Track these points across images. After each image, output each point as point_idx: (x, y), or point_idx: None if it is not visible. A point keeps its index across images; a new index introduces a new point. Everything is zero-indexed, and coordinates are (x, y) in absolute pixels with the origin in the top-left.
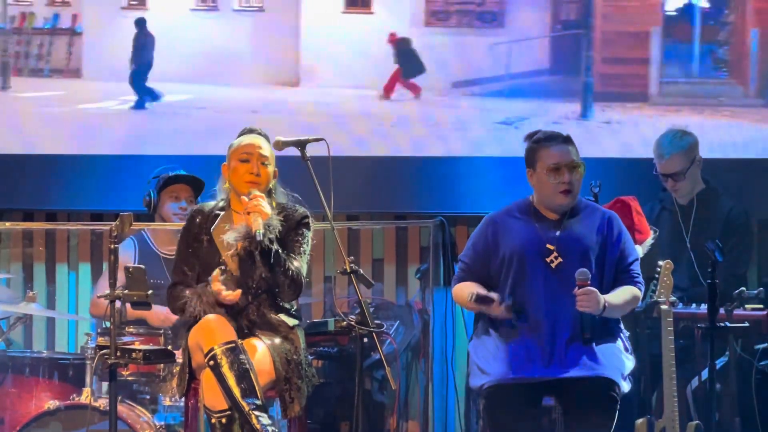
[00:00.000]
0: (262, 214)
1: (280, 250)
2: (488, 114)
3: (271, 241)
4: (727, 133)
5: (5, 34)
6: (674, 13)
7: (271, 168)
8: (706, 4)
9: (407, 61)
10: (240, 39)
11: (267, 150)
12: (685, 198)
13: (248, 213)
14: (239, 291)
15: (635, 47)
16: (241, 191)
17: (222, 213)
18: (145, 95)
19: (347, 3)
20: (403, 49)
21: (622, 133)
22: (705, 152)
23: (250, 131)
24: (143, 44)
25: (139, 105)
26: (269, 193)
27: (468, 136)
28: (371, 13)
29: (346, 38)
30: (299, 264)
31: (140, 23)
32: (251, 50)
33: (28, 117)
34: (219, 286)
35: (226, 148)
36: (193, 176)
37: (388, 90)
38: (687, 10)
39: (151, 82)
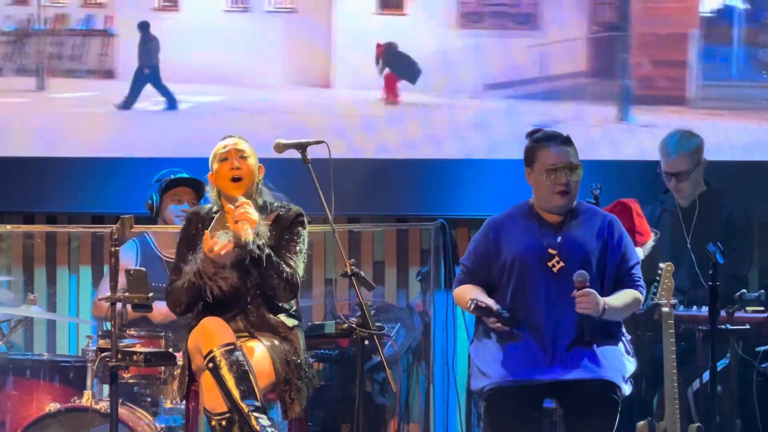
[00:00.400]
0: (249, 221)
1: (272, 254)
2: (522, 117)
3: (260, 247)
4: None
5: (40, 35)
6: (712, 15)
7: (253, 161)
8: (746, 6)
9: (401, 66)
10: (272, 40)
11: (244, 145)
12: (686, 200)
13: (236, 221)
14: (231, 244)
15: (673, 49)
16: (228, 192)
17: (217, 215)
18: (138, 95)
19: (380, 5)
20: (393, 54)
21: (662, 137)
22: (740, 155)
23: (229, 137)
24: (148, 48)
25: (171, 106)
26: (255, 191)
27: (499, 138)
28: (404, 14)
29: (379, 39)
30: (295, 264)
31: (143, 27)
32: (283, 51)
33: (62, 118)
34: (210, 243)
35: (266, 150)
36: (194, 179)
37: (391, 96)
38: (725, 12)
39: (184, 84)
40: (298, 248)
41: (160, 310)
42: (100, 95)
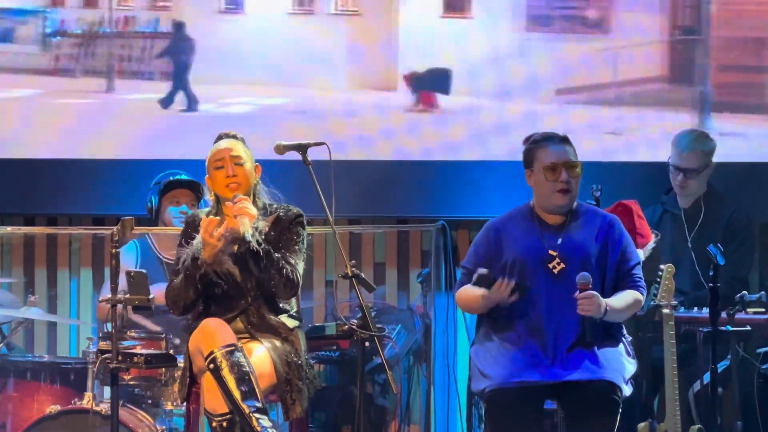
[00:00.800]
0: (248, 215)
1: (271, 250)
2: (594, 122)
3: (259, 242)
4: None
5: (110, 37)
6: None
7: (249, 165)
8: None
9: (430, 82)
10: (336, 43)
11: (239, 150)
12: (688, 199)
13: (234, 217)
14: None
15: (752, 54)
16: (226, 197)
17: (217, 218)
18: (175, 97)
19: (445, 7)
20: (418, 80)
21: (745, 145)
22: None
23: (223, 137)
24: (180, 48)
25: (191, 108)
26: (254, 193)
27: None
28: (470, 18)
29: (444, 43)
30: (295, 262)
31: (178, 27)
32: (347, 54)
33: (130, 119)
34: (207, 227)
35: (320, 152)
36: (192, 180)
37: (429, 104)
38: None
39: (246, 86)
40: (297, 248)
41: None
42: (164, 97)
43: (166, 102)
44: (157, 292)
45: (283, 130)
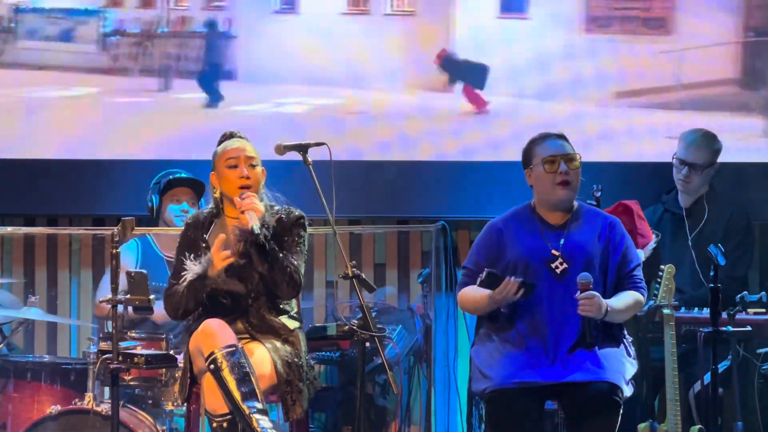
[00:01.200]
0: (256, 211)
1: (276, 248)
2: (655, 125)
3: (266, 237)
4: None
5: (166, 37)
6: None
7: (260, 168)
8: None
9: (465, 73)
10: (391, 43)
11: (252, 151)
12: (688, 200)
13: (242, 212)
14: (229, 252)
15: None
16: (234, 196)
17: (216, 220)
18: (213, 95)
19: (502, 8)
20: (453, 62)
21: None
22: None
23: (231, 136)
24: (215, 45)
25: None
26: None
27: (627, 148)
28: (527, 18)
29: (501, 44)
30: (297, 263)
31: (211, 24)
32: (403, 54)
33: (185, 117)
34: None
35: (376, 152)
36: (193, 178)
37: (479, 105)
38: None
39: (300, 85)
40: (299, 249)
41: (161, 311)
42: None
43: (212, 100)
44: (157, 312)
45: (337, 131)
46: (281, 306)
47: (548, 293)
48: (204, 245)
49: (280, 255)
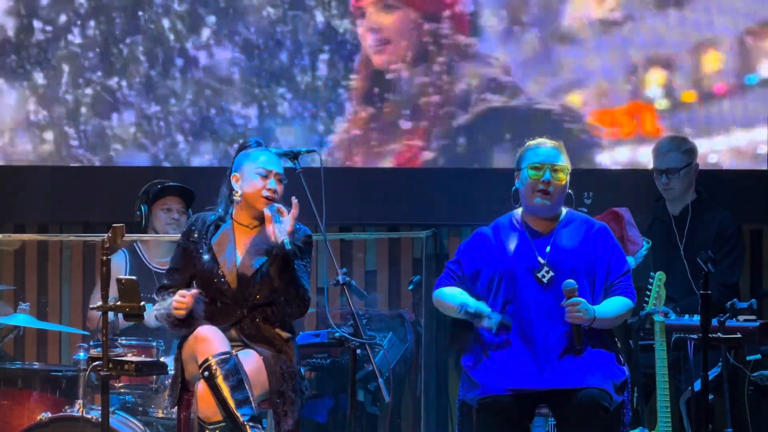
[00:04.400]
0: (288, 225)
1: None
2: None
3: (294, 253)
4: None
5: None
6: None
7: (283, 186)
8: None
9: None
10: None
11: (281, 168)
12: (677, 208)
13: (275, 223)
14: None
15: None
16: (256, 206)
17: (223, 225)
18: None
19: None
20: None
21: None
22: None
23: (259, 144)
24: None
25: None
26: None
27: None
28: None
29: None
30: (307, 284)
31: None
32: None
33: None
34: (180, 301)
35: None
36: (183, 187)
37: None
38: None
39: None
40: (307, 270)
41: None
42: None
43: None
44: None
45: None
46: (276, 317)
47: (535, 301)
48: (207, 247)
49: (299, 274)
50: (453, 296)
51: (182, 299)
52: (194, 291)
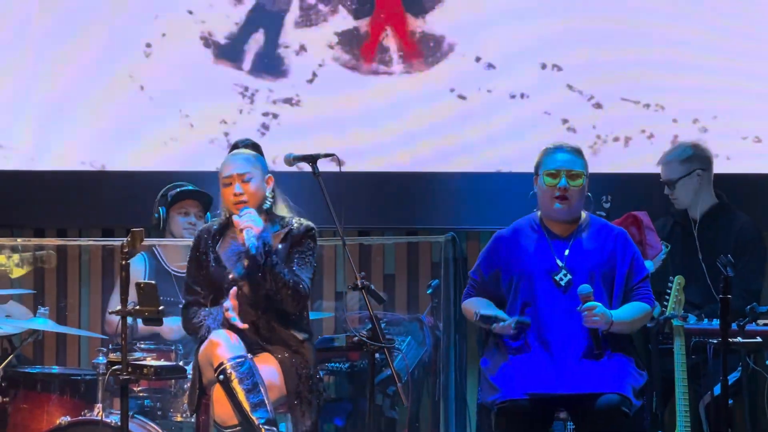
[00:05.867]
0: (253, 228)
1: (276, 264)
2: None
3: (267, 253)
4: None
5: None
6: None
7: (257, 181)
8: None
9: None
10: None
11: (247, 166)
12: (696, 212)
13: (241, 230)
14: (246, 325)
15: None
16: (234, 212)
17: (227, 231)
18: None
19: None
20: None
21: None
22: None
23: (235, 147)
24: None
25: None
26: (263, 205)
27: None
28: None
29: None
30: (304, 274)
31: None
32: None
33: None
34: (230, 312)
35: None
36: (200, 191)
37: None
38: None
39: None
40: (307, 261)
41: (171, 327)
42: None
43: None
44: (166, 327)
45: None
46: (291, 317)
47: (553, 305)
48: (214, 256)
49: (284, 270)
50: (472, 304)
51: (230, 314)
52: (232, 294)
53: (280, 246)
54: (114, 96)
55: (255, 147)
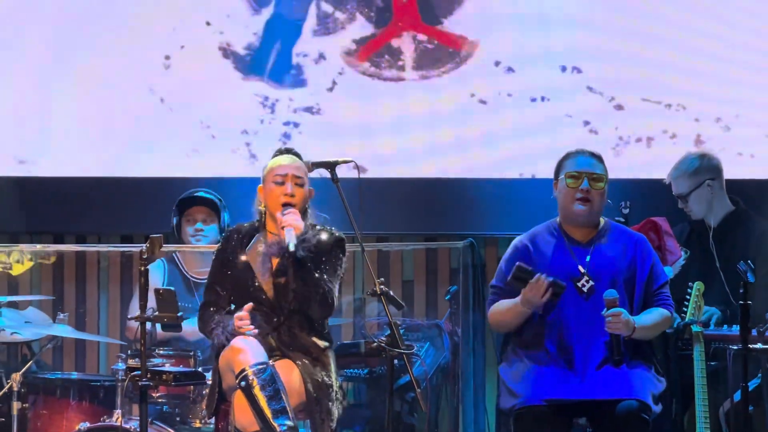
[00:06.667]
0: (295, 227)
1: (311, 266)
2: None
3: (302, 255)
4: None
5: None
6: None
7: (306, 188)
8: None
9: None
10: None
11: (301, 170)
12: (712, 219)
13: (282, 227)
14: (256, 331)
15: None
16: (276, 213)
17: (257, 235)
18: None
19: None
20: None
21: None
22: None
23: (286, 152)
24: None
25: None
26: (304, 213)
27: None
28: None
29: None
30: (332, 285)
31: None
32: None
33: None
34: (242, 320)
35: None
36: (203, 196)
37: None
38: None
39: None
40: (335, 272)
41: (191, 327)
42: None
43: None
44: (186, 329)
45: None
46: (314, 325)
47: (575, 311)
48: (242, 258)
49: (316, 275)
50: (500, 305)
51: (243, 321)
52: (246, 308)
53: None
54: (134, 108)
55: (300, 158)
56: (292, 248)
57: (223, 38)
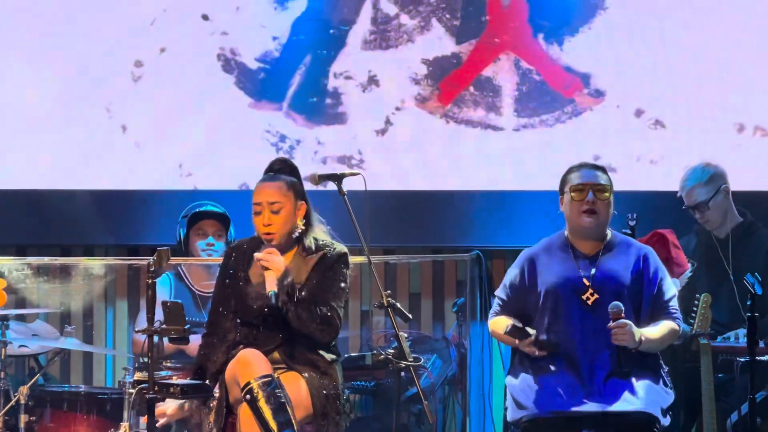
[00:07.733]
0: (274, 269)
1: (303, 300)
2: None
3: (290, 294)
4: None
5: None
6: None
7: (287, 209)
8: None
9: None
10: None
11: (279, 193)
12: (719, 230)
13: (263, 270)
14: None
15: None
16: (256, 252)
17: (259, 249)
18: None
19: None
20: None
21: None
22: None
23: (269, 169)
24: None
25: None
26: (290, 238)
27: None
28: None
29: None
30: (335, 304)
31: None
32: None
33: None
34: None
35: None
36: (217, 211)
37: None
38: None
39: None
40: (339, 288)
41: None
42: None
43: None
44: (193, 345)
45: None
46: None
47: (580, 323)
48: (244, 275)
49: (311, 306)
50: (500, 321)
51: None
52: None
53: (312, 272)
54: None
55: (291, 169)
56: (273, 300)
57: (226, 41)
